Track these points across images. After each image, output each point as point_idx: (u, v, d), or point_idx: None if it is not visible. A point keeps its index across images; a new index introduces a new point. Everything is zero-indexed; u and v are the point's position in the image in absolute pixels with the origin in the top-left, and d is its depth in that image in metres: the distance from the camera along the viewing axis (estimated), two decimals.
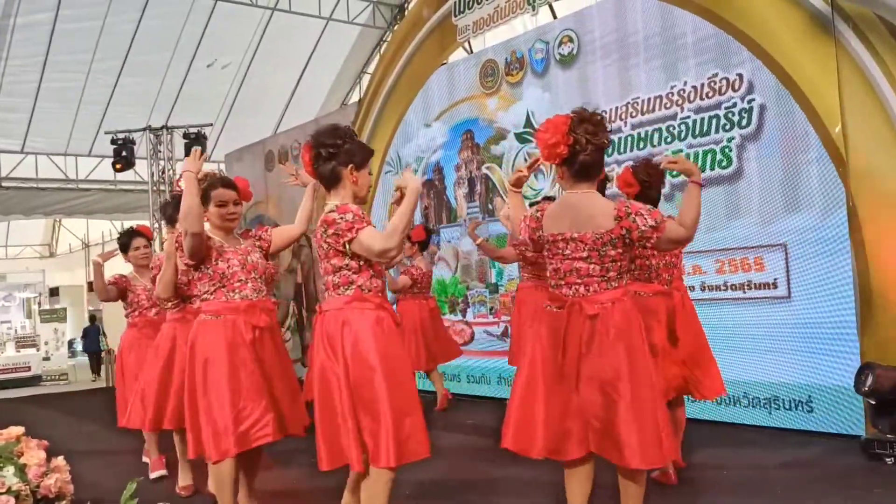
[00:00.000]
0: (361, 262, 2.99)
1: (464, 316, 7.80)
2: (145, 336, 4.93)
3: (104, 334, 16.75)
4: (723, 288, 5.54)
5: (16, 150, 12.61)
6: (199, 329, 3.53)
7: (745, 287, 5.43)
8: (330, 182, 3.04)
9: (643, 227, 2.89)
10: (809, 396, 5.10)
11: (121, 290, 5.08)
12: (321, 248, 3.02)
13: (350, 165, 3.01)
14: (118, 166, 11.31)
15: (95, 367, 14.72)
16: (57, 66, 11.51)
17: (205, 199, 3.54)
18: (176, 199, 4.12)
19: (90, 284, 19.30)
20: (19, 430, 3.54)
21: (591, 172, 3.02)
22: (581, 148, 2.95)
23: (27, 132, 12.41)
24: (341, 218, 2.91)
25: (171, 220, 4.32)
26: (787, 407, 5.19)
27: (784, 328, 5.23)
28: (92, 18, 11.02)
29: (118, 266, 5.55)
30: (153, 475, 4.79)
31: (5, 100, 11.74)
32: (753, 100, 5.39)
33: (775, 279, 5.28)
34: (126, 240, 5.19)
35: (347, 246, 2.92)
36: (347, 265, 2.98)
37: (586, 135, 2.94)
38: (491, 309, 7.48)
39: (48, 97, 11.90)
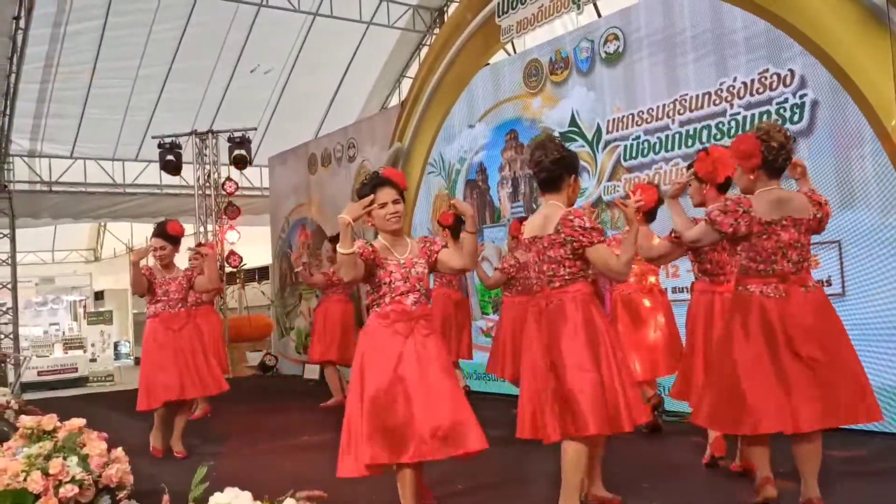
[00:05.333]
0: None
1: None
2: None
3: None
4: None
5: (65, 156, 12.87)
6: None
7: None
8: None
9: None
10: None
11: (368, 266, 3.49)
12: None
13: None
14: (172, 171, 11.52)
15: None
16: (105, 73, 11.73)
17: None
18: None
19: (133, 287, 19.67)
20: (80, 421, 3.61)
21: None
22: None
23: (76, 138, 12.66)
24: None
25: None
26: None
27: None
28: (139, 26, 11.23)
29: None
30: None
31: (56, 106, 12.01)
32: (805, 95, 5.32)
33: (829, 276, 5.19)
34: (370, 189, 3.52)
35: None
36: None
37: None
38: None
39: (96, 103, 12.13)
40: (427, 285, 3.57)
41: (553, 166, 3.40)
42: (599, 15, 8.10)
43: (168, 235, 5.47)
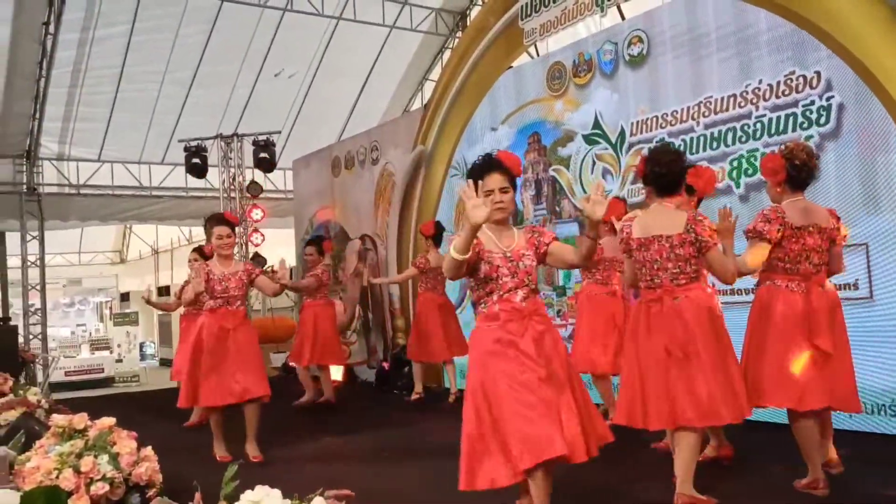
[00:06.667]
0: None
1: None
2: None
3: None
4: None
5: (93, 159, 13.06)
6: None
7: None
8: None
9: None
10: (893, 400, 4.94)
11: (472, 261, 3.24)
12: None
13: None
14: (197, 174, 11.67)
15: None
16: (132, 78, 11.88)
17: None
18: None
19: (159, 290, 19.91)
20: (111, 420, 3.67)
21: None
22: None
23: (104, 141, 12.84)
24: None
25: None
26: (870, 410, 5.04)
27: (866, 330, 5.07)
28: (165, 31, 11.37)
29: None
30: None
31: (84, 110, 12.18)
32: (832, 97, 5.28)
33: (856, 280, 5.15)
34: (478, 172, 3.30)
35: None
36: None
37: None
38: (558, 312, 7.45)
39: (124, 107, 12.29)
40: (536, 279, 3.28)
41: (680, 175, 3.82)
42: (623, 17, 8.08)
43: (228, 222, 5.40)
